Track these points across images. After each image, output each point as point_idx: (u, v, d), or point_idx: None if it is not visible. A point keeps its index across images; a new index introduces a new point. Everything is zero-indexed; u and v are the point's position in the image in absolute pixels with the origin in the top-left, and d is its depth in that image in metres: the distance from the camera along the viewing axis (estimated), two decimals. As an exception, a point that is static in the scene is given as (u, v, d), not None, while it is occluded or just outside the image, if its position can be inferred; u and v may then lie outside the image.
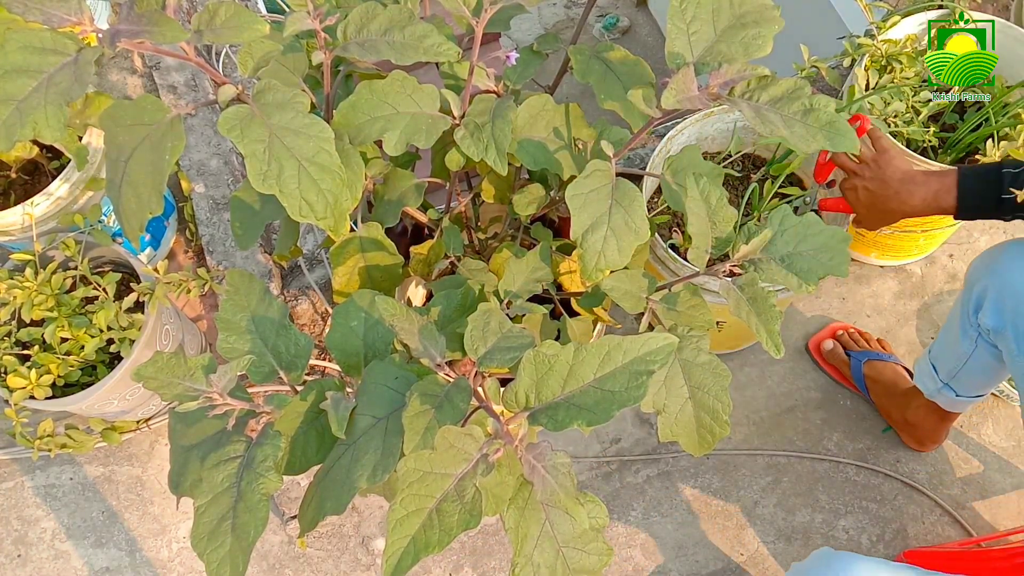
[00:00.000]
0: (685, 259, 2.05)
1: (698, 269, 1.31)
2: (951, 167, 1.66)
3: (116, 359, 2.17)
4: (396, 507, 0.86)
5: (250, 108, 1.09)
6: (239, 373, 1.10)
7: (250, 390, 1.20)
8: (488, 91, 1.45)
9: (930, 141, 2.19)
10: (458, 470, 0.88)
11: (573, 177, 1.26)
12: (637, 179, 2.48)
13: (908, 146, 2.14)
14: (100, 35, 0.95)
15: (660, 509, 2.38)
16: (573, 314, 1.68)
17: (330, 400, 1.07)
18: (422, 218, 1.69)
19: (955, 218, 1.67)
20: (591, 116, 1.46)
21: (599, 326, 1.68)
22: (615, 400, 0.87)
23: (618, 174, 1.25)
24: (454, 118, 1.37)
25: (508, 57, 1.30)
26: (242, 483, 1.05)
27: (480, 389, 1.00)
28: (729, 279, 1.27)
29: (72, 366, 2.11)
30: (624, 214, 1.19)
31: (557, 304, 1.66)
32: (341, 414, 1.05)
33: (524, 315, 1.43)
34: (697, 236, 1.28)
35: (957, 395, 2.11)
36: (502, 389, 0.97)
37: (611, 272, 1.29)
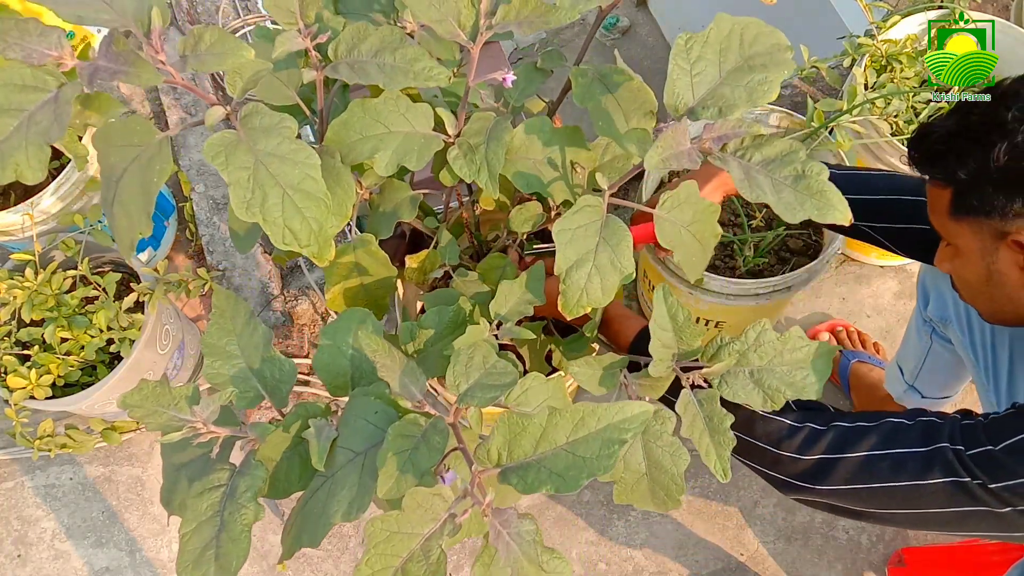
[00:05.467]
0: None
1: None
2: None
3: (116, 359, 2.18)
4: (362, 567, 0.87)
5: (236, 134, 1.08)
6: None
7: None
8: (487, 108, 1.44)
9: (930, 141, 2.18)
10: (425, 530, 0.88)
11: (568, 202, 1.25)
12: (638, 177, 2.47)
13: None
14: (80, 69, 0.95)
15: (659, 510, 2.39)
16: (565, 331, 1.67)
17: (313, 429, 1.07)
18: (419, 225, 1.69)
19: None
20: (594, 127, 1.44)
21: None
22: (585, 467, 0.86)
23: (611, 206, 1.23)
24: (448, 136, 1.36)
25: (504, 79, 1.29)
26: (225, 513, 1.05)
27: (461, 422, 1.00)
28: (690, 390, 1.23)
29: (72, 366, 2.12)
30: (611, 253, 1.17)
31: (551, 323, 1.66)
32: (323, 444, 1.05)
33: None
34: (659, 350, 1.24)
35: (923, 396, 2.13)
36: (478, 439, 0.97)
37: (578, 365, 1.31)
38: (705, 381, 1.23)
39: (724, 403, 1.23)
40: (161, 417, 1.08)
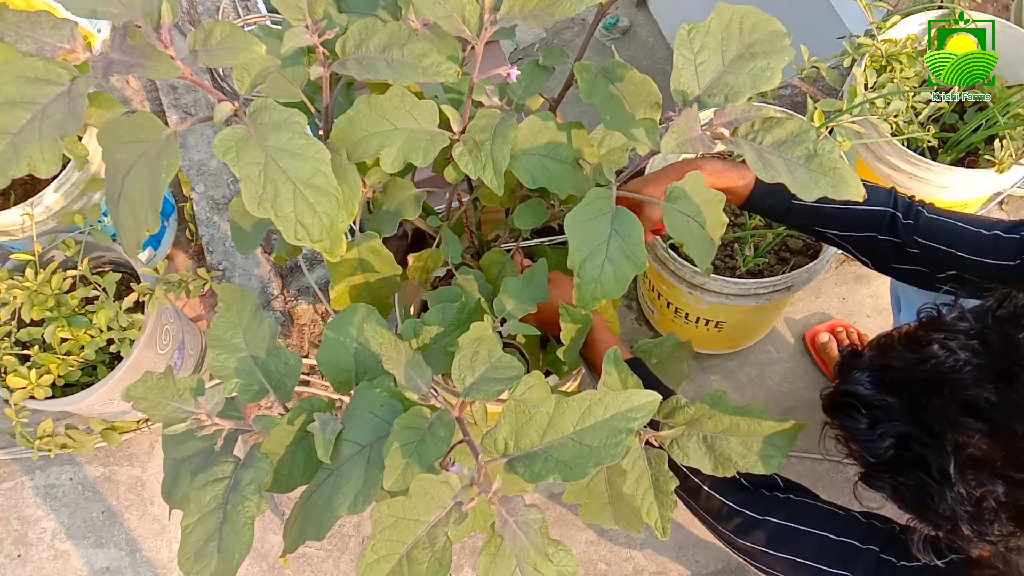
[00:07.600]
0: (685, 259, 2.05)
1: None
2: None
3: (116, 359, 2.18)
4: (367, 552, 0.87)
5: (246, 129, 1.08)
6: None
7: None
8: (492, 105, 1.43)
9: (930, 141, 2.19)
10: (431, 517, 0.88)
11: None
12: (641, 172, 2.47)
13: (908, 146, 2.13)
14: (93, 62, 0.94)
15: (659, 511, 2.38)
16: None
17: (318, 422, 1.07)
18: (422, 224, 1.68)
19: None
20: (597, 119, 1.43)
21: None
22: (592, 456, 0.86)
23: (619, 199, 1.23)
24: (453, 133, 1.36)
25: (509, 75, 1.28)
26: (228, 505, 1.05)
27: (466, 416, 1.00)
28: (642, 447, 1.23)
29: (72, 366, 2.11)
30: (623, 244, 1.17)
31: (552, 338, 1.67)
32: (328, 437, 1.05)
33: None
34: None
35: None
36: (484, 432, 0.97)
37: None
38: (656, 440, 1.24)
39: (672, 465, 1.24)
40: (165, 409, 1.08)
